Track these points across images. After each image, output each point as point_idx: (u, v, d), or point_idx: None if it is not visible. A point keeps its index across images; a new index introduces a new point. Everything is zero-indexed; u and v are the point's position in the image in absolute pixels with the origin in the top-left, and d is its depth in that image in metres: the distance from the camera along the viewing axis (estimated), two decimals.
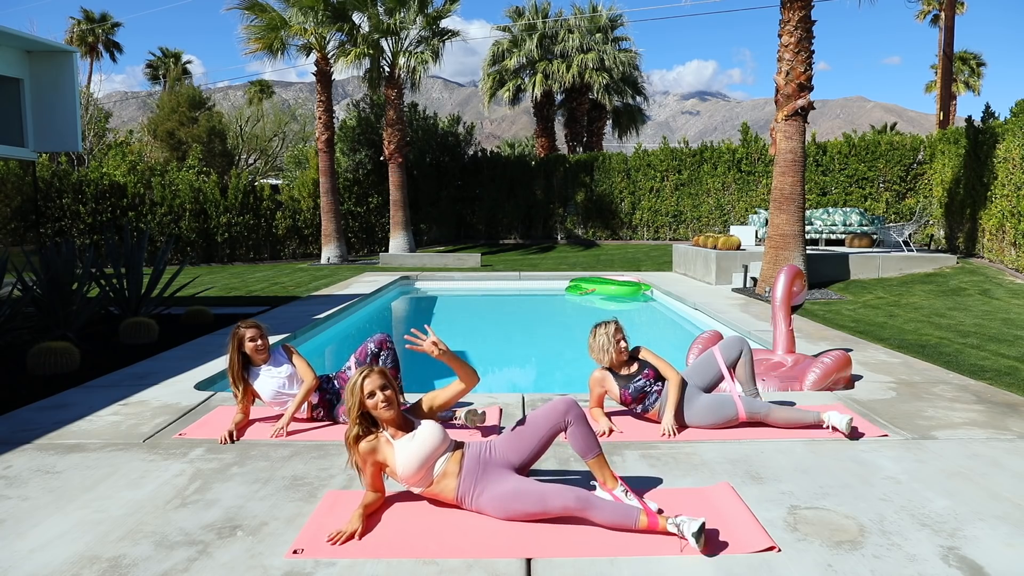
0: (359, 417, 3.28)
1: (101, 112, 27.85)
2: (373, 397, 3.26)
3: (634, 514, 3.07)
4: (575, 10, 27.12)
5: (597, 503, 3.12)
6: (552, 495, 3.14)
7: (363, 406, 3.27)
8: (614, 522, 3.08)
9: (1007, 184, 12.77)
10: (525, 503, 3.16)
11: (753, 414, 4.52)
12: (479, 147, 25.36)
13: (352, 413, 3.28)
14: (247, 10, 18.57)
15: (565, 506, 3.11)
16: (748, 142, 21.92)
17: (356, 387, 3.27)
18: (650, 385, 4.59)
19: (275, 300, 11.53)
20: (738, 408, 4.52)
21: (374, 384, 3.27)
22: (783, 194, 11.35)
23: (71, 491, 3.62)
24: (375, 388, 3.26)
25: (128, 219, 19.31)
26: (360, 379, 3.28)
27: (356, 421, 3.29)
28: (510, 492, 3.20)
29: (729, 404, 4.55)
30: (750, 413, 4.52)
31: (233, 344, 4.63)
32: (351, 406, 3.28)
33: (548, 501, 3.13)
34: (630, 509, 3.11)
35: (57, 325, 7.76)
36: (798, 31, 11.18)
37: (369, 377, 3.28)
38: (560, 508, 3.12)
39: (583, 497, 3.12)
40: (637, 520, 3.05)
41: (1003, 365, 6.33)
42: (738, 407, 4.53)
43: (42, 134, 11.00)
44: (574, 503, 3.10)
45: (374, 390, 3.26)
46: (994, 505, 3.39)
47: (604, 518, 3.09)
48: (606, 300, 12.93)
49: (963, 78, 42.86)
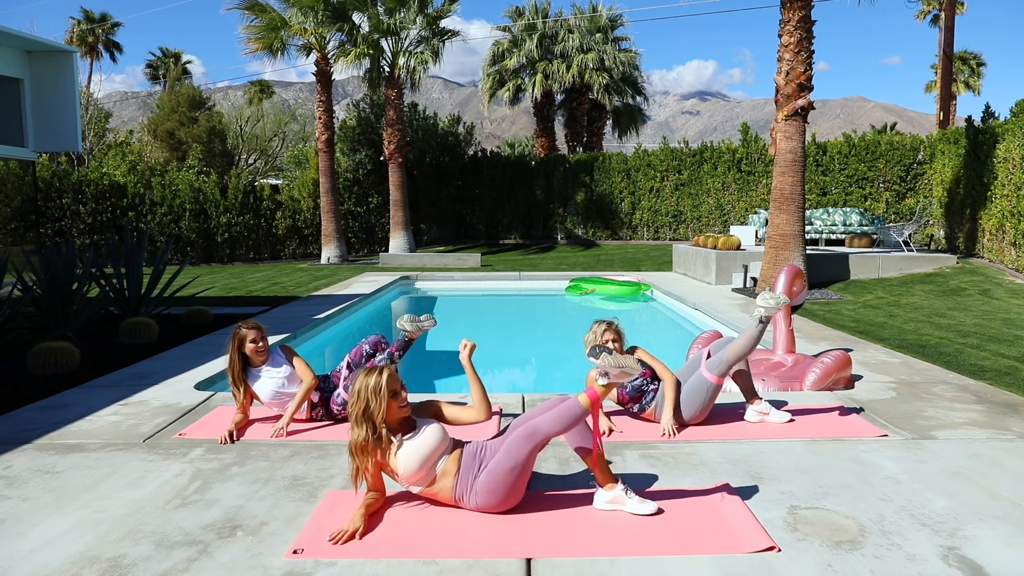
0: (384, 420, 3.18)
1: (101, 112, 27.85)
2: (397, 397, 3.23)
3: (574, 401, 3.20)
4: (575, 10, 27.12)
5: (543, 419, 3.21)
6: (511, 447, 3.21)
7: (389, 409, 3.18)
8: (564, 422, 3.18)
9: (1007, 184, 12.77)
10: (501, 469, 3.20)
11: (718, 367, 4.51)
12: (479, 147, 25.36)
13: (377, 417, 3.17)
14: (247, 10, 18.57)
15: (522, 445, 3.19)
16: (748, 142, 21.92)
17: (382, 390, 3.16)
18: (647, 384, 4.60)
19: (275, 300, 11.53)
20: (705, 375, 4.52)
21: (396, 384, 3.23)
22: (783, 194, 11.35)
23: (71, 491, 3.62)
24: (397, 387, 3.23)
25: (128, 219, 19.31)
26: (385, 380, 3.17)
27: (382, 423, 3.18)
28: (486, 472, 3.25)
29: (699, 378, 4.56)
30: (715, 369, 4.51)
31: (233, 344, 4.63)
32: (375, 410, 3.16)
33: (513, 452, 3.20)
34: (570, 402, 3.21)
35: (57, 325, 7.76)
36: (798, 31, 11.18)
37: (392, 377, 3.21)
38: (526, 451, 3.20)
39: (530, 426, 3.21)
40: (579, 403, 3.18)
41: (1003, 365, 6.33)
42: (705, 374, 4.53)
43: (42, 134, 11.00)
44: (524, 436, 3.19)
45: (397, 389, 3.23)
46: (994, 505, 3.39)
47: (554, 427, 3.18)
48: (606, 300, 12.93)
49: (963, 78, 42.86)
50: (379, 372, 3.22)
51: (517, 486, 3.25)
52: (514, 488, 3.24)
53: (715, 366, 4.54)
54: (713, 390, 4.54)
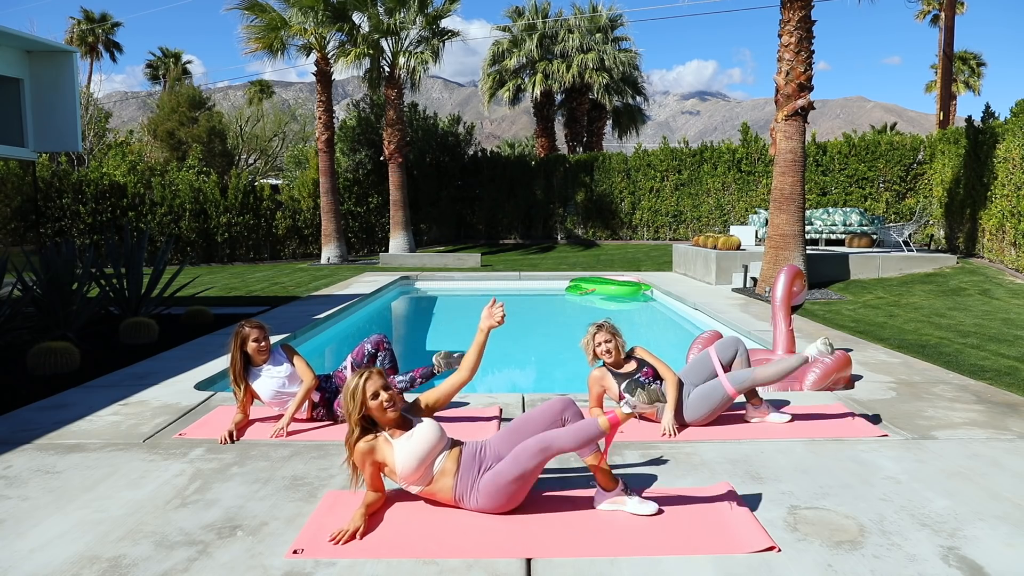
0: (360, 420, 3.27)
1: (101, 112, 27.84)
2: (377, 398, 3.25)
3: (593, 423, 3.20)
4: (575, 10, 27.12)
5: (558, 434, 3.22)
6: (523, 453, 3.20)
7: (365, 409, 3.26)
8: (580, 441, 3.19)
9: (1007, 184, 12.76)
10: (506, 474, 3.21)
11: (741, 384, 4.52)
12: (479, 147, 25.35)
13: (353, 417, 3.26)
14: (247, 10, 18.57)
15: (537, 453, 3.19)
16: (748, 142, 21.92)
17: (358, 390, 3.25)
18: (649, 384, 4.60)
19: (275, 300, 11.53)
20: (725, 387, 4.53)
21: (376, 385, 3.26)
22: (783, 194, 11.35)
23: (71, 491, 3.62)
24: (378, 389, 3.26)
25: (128, 219, 19.30)
26: (361, 382, 3.26)
27: (357, 424, 3.27)
28: (491, 474, 3.25)
29: (717, 387, 4.56)
30: (738, 385, 4.52)
31: (236, 343, 4.63)
32: (351, 410, 3.26)
33: (521, 460, 3.20)
34: (589, 422, 3.22)
35: (57, 325, 7.76)
36: (798, 31, 11.18)
37: (370, 379, 3.27)
38: (534, 461, 3.19)
39: (545, 438, 3.21)
40: (598, 426, 3.18)
41: (1003, 365, 6.33)
42: (725, 385, 4.53)
43: (42, 134, 11.00)
44: (540, 445, 3.19)
45: (377, 391, 3.26)
46: (994, 505, 3.39)
47: (568, 444, 3.19)
48: (606, 300, 12.93)
49: (963, 78, 42.85)
50: (360, 374, 3.29)
51: (521, 492, 3.27)
52: (518, 493, 3.26)
53: (739, 382, 4.53)
54: (726, 401, 4.55)
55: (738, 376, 4.57)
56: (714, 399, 4.55)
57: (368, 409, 3.26)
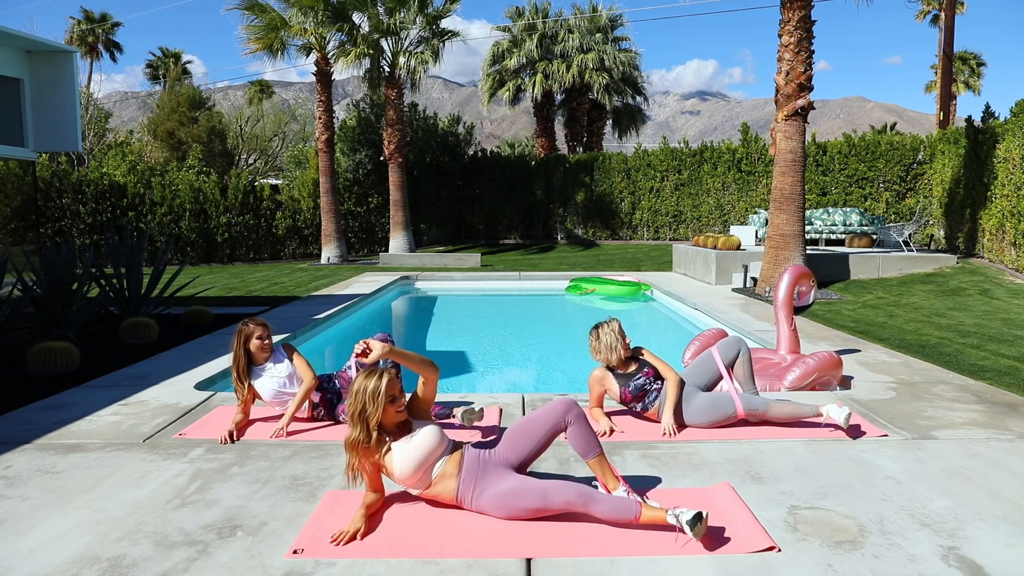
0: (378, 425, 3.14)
1: (101, 112, 27.86)
2: (395, 402, 3.17)
3: (634, 507, 3.08)
4: (575, 10, 27.13)
5: (598, 497, 3.13)
6: (553, 491, 3.14)
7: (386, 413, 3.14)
8: (614, 516, 3.08)
9: (1007, 184, 12.76)
10: (527, 500, 3.15)
11: (752, 411, 4.52)
12: (479, 147, 25.36)
13: (371, 421, 3.13)
14: (247, 10, 18.57)
15: (567, 501, 3.11)
16: (748, 142, 21.92)
17: (379, 393, 3.11)
18: (650, 383, 4.60)
19: (275, 300, 11.53)
20: (736, 405, 4.53)
21: (395, 388, 3.15)
22: (783, 194, 11.35)
23: (71, 491, 3.62)
24: (395, 392, 3.16)
25: (128, 219, 19.31)
26: (383, 385, 3.12)
27: (375, 429, 3.14)
28: (511, 490, 3.19)
29: (727, 402, 4.55)
30: (749, 410, 4.52)
31: (239, 341, 4.62)
32: (370, 413, 3.12)
33: (549, 497, 3.13)
34: (630, 502, 3.12)
35: (57, 325, 7.76)
36: (798, 31, 11.18)
37: (391, 381, 3.14)
38: (561, 504, 3.12)
39: (584, 492, 3.13)
40: (637, 513, 3.06)
41: (1003, 365, 6.33)
42: (736, 404, 4.53)
43: (42, 134, 11.00)
44: (576, 498, 3.10)
45: (394, 394, 3.15)
46: (994, 505, 3.39)
47: (605, 512, 3.09)
48: (606, 300, 12.92)
49: (963, 78, 42.86)
50: (379, 376, 3.15)
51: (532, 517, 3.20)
52: (529, 517, 3.19)
53: (750, 408, 4.51)
54: (732, 418, 4.54)
55: (752, 401, 4.54)
56: (721, 412, 4.54)
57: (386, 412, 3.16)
